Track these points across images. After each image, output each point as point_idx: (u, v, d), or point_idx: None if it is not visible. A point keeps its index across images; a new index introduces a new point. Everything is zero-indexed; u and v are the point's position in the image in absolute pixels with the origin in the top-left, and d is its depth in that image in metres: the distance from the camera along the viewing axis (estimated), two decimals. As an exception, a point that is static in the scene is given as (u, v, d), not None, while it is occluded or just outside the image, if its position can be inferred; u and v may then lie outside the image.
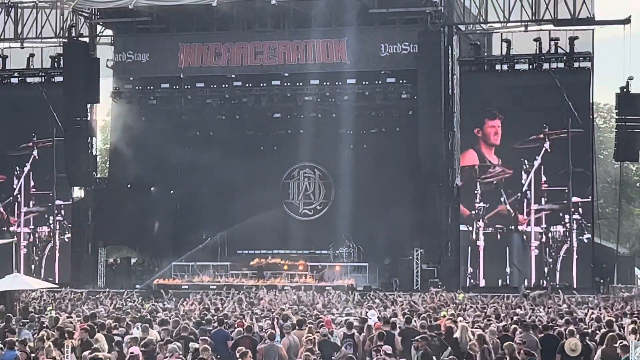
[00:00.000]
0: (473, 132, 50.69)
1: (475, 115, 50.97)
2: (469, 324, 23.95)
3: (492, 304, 34.33)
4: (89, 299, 40.55)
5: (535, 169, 49.72)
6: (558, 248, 49.24)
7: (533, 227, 49.66)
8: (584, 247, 48.88)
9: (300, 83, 53.94)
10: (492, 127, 50.53)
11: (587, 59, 49.60)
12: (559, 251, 49.18)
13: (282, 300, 37.95)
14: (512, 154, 50.25)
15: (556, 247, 49.28)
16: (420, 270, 50.77)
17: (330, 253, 53.93)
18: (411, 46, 51.45)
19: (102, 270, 54.29)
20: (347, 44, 52.36)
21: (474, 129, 50.68)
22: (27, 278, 37.36)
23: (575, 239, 48.96)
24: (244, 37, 53.76)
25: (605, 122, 71.74)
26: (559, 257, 49.04)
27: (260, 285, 48.47)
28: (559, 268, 48.97)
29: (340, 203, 55.52)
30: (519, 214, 49.96)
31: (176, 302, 37.84)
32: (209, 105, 55.28)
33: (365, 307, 32.81)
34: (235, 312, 29.78)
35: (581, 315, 28.76)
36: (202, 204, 56.20)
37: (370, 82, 53.12)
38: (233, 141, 56.99)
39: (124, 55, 54.95)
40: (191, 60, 54.14)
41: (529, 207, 49.81)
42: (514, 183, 50.22)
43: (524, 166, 49.92)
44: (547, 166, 49.67)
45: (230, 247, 55.11)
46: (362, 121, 55.29)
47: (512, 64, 50.66)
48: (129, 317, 27.41)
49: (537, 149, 49.82)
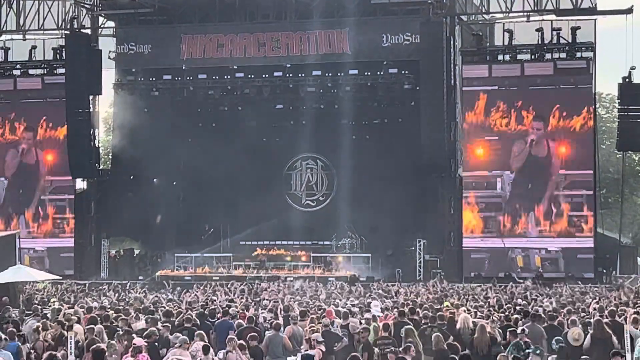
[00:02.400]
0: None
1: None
2: (471, 314, 23.98)
3: (495, 294, 34.33)
4: (92, 291, 40.63)
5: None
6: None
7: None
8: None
9: (303, 74, 54.00)
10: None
11: (590, 49, 49.55)
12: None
13: (285, 291, 37.96)
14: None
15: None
16: (423, 260, 50.82)
17: (333, 244, 53.98)
18: (413, 37, 51.43)
19: (105, 261, 54.37)
20: (349, 34, 52.35)
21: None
22: (30, 270, 37.39)
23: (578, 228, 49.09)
24: (246, 29, 53.76)
25: (607, 112, 71.63)
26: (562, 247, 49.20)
27: (262, 276, 48.56)
28: (562, 257, 49.09)
29: (343, 194, 55.55)
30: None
31: (179, 294, 37.93)
32: (211, 96, 55.35)
33: (368, 298, 32.84)
34: (237, 303, 29.80)
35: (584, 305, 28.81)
36: (204, 196, 56.25)
37: (372, 73, 53.18)
38: (235, 132, 57.01)
39: (126, 46, 54.98)
40: (193, 52, 54.17)
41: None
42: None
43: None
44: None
45: (233, 238, 55.13)
46: (364, 112, 55.34)
47: (514, 54, 50.62)
48: (132, 308, 27.47)
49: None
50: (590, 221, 49.32)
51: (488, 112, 50.54)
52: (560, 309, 26.26)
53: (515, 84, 50.58)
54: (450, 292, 37.04)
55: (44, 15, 55.33)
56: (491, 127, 50.59)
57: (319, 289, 39.33)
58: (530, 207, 50.00)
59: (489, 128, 50.67)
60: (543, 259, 49.53)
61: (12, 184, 55.90)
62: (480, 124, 50.74)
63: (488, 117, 50.54)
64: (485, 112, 50.58)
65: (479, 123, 50.76)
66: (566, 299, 31.87)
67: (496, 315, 23.89)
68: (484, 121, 50.63)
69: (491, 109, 50.52)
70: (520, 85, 50.48)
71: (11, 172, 56.03)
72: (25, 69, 56.11)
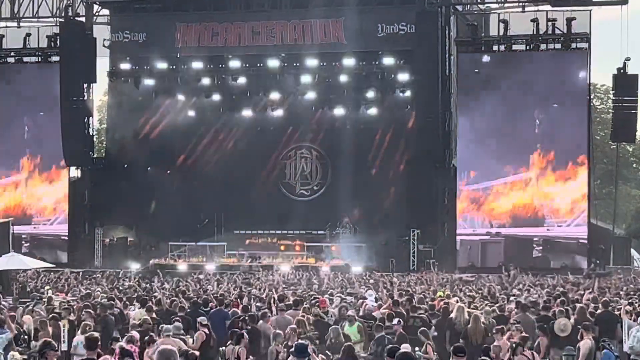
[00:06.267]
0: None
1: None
2: (465, 304, 23.98)
3: (488, 284, 34.36)
4: (86, 279, 40.61)
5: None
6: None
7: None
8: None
9: (298, 63, 53.95)
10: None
11: (585, 40, 49.52)
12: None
13: (278, 280, 37.98)
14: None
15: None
16: (416, 250, 50.84)
17: (327, 233, 53.98)
18: (408, 26, 51.36)
19: (98, 250, 54.36)
20: (345, 24, 52.26)
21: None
22: (23, 257, 37.39)
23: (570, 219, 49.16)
24: (241, 17, 53.62)
25: (602, 103, 71.65)
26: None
27: (256, 265, 48.57)
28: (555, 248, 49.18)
29: (337, 183, 55.59)
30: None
31: (172, 282, 37.92)
32: (206, 85, 55.26)
33: (363, 287, 32.86)
34: (231, 291, 29.81)
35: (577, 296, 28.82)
36: (198, 184, 56.28)
37: (367, 63, 53.15)
38: (230, 121, 57.06)
39: (121, 34, 54.87)
40: (188, 40, 54.07)
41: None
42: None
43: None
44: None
45: (227, 227, 55.13)
46: (359, 101, 55.29)
47: (509, 44, 50.60)
48: (126, 296, 27.47)
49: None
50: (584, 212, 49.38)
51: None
52: (553, 300, 26.27)
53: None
54: (443, 282, 37.12)
55: (38, 3, 55.09)
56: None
57: (312, 278, 39.36)
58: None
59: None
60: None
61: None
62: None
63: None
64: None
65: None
66: (558, 289, 31.89)
67: (489, 306, 23.88)
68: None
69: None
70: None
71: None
72: (20, 56, 55.99)
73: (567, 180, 49.41)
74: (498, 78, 50.28)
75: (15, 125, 55.49)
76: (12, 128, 55.56)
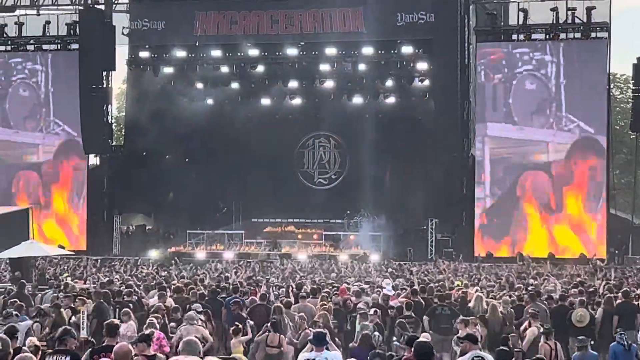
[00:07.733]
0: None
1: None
2: (483, 293, 23.96)
3: (507, 274, 34.30)
4: (104, 266, 40.75)
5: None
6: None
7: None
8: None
9: (317, 52, 53.86)
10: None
11: (605, 29, 49.21)
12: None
13: (297, 268, 38.01)
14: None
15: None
16: (434, 240, 50.81)
17: (345, 222, 53.97)
18: (428, 15, 51.14)
19: (117, 237, 54.51)
20: (364, 13, 52.09)
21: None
22: (43, 245, 37.47)
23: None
24: (261, 6, 53.51)
25: (622, 92, 71.27)
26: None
27: (274, 254, 48.63)
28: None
29: (355, 172, 55.60)
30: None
31: (191, 270, 38.02)
32: (225, 73, 55.25)
33: (380, 276, 32.88)
34: (248, 279, 29.85)
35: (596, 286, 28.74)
36: (216, 172, 56.28)
37: (386, 52, 53.02)
38: (248, 110, 57.09)
39: (140, 22, 54.84)
40: (207, 28, 54.00)
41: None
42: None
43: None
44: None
45: (245, 215, 55.22)
46: (377, 90, 55.24)
47: (529, 34, 50.37)
48: (144, 284, 27.54)
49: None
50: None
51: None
52: (572, 289, 26.24)
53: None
54: (461, 272, 37.08)
55: (58, -9, 55.26)
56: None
57: (331, 266, 39.39)
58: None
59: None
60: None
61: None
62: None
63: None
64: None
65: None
66: (577, 279, 31.82)
67: (507, 295, 23.83)
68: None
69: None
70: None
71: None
72: (39, 44, 56.09)
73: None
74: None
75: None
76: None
